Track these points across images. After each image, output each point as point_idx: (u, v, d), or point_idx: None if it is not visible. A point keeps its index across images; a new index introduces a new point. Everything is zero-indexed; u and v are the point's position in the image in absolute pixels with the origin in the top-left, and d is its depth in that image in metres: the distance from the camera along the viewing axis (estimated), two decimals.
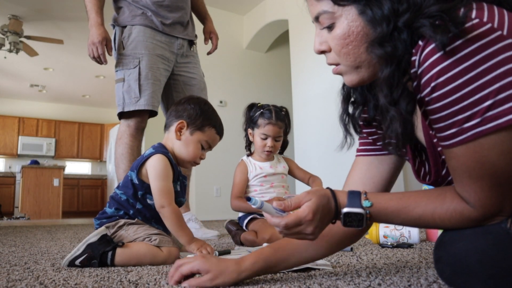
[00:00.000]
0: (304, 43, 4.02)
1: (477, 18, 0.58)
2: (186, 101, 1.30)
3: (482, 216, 0.65)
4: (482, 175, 0.61)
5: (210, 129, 1.29)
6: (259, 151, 1.78)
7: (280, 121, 1.74)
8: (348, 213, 0.70)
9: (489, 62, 0.56)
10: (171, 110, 1.33)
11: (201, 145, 1.28)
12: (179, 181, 1.28)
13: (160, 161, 1.20)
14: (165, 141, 1.30)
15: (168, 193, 1.18)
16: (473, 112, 0.57)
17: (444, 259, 0.69)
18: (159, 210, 1.18)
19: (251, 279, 0.81)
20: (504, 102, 0.56)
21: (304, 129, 3.89)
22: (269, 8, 4.74)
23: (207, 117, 1.29)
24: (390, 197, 0.72)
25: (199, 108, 1.28)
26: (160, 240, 1.14)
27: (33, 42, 5.47)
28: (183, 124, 1.26)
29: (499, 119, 0.56)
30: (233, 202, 1.74)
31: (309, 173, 1.87)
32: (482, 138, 0.58)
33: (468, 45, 0.56)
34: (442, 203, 0.68)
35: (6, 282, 0.86)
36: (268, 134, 1.73)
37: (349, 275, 0.86)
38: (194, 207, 4.50)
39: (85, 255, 1.05)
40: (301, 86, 4.02)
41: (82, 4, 2.07)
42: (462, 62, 0.57)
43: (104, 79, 7.46)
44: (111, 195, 1.25)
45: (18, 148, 8.34)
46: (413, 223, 0.72)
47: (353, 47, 0.69)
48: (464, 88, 0.57)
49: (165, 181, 1.19)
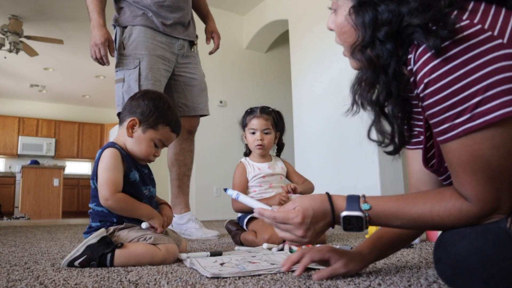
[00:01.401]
0: (304, 43, 4.02)
1: (468, 20, 0.61)
2: (141, 97, 1.25)
3: (480, 211, 0.65)
4: (476, 169, 0.63)
5: (164, 127, 1.24)
6: (252, 148, 1.82)
7: (265, 114, 1.79)
8: (347, 217, 0.73)
9: (478, 61, 0.59)
10: (125, 104, 1.28)
11: (154, 143, 1.24)
12: (138, 171, 1.23)
13: (107, 154, 1.17)
14: (117, 138, 1.27)
15: (111, 184, 1.13)
16: (463, 108, 0.61)
17: (444, 260, 0.69)
18: (104, 204, 1.14)
19: (253, 278, 0.83)
20: (492, 99, 0.59)
21: (304, 129, 3.89)
22: (269, 8, 4.74)
23: (161, 114, 1.23)
24: (389, 199, 0.73)
25: (153, 104, 1.23)
26: (155, 238, 1.13)
27: (33, 42, 5.48)
28: (135, 122, 1.22)
29: (488, 115, 0.59)
30: (235, 203, 1.75)
31: (303, 177, 1.90)
32: (473, 133, 0.61)
33: (457, 45, 0.60)
34: (441, 201, 0.69)
35: (6, 282, 0.86)
36: (255, 128, 1.78)
37: (349, 275, 0.86)
38: (194, 207, 4.50)
39: (84, 256, 1.05)
40: (301, 86, 4.02)
41: (82, 4, 2.07)
42: (452, 61, 0.60)
43: (104, 79, 7.46)
44: (89, 212, 1.22)
45: (18, 148, 8.35)
46: (412, 224, 0.72)
47: (348, 37, 0.75)
48: (454, 85, 0.61)
49: (109, 172, 1.15)
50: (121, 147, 1.22)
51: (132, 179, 1.20)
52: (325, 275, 0.80)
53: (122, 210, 1.16)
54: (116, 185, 1.14)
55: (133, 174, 1.20)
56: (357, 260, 0.83)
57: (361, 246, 0.86)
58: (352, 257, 0.82)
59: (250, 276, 0.88)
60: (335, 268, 0.80)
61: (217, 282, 0.82)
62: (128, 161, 1.21)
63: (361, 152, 3.21)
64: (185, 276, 0.90)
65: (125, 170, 1.19)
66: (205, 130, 4.70)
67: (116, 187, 1.14)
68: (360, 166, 3.21)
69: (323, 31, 3.76)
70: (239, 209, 1.76)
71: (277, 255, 1.20)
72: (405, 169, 3.23)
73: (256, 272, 0.91)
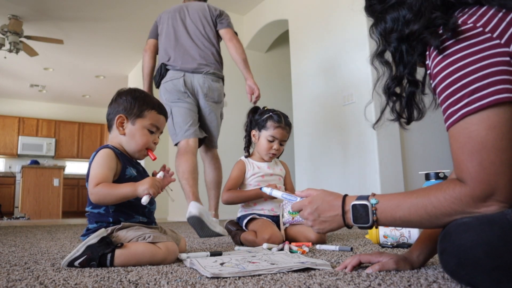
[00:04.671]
0: (304, 43, 4.02)
1: (472, 24, 0.70)
2: (117, 97, 1.28)
3: (472, 191, 0.68)
4: (472, 150, 0.68)
5: (150, 112, 1.27)
6: (263, 153, 1.81)
7: (288, 126, 1.81)
8: (355, 205, 0.82)
9: (476, 56, 0.68)
10: (108, 112, 1.30)
11: (147, 130, 1.26)
12: (134, 168, 1.25)
13: (99, 154, 1.19)
14: (110, 141, 1.28)
15: (94, 178, 1.14)
16: (461, 95, 0.69)
17: (449, 250, 0.70)
18: (91, 199, 1.14)
19: (253, 278, 0.83)
20: (487, 86, 0.66)
21: (304, 129, 3.89)
22: (269, 8, 4.74)
23: (142, 102, 1.26)
24: (396, 194, 0.80)
25: (131, 97, 1.26)
26: (154, 236, 1.13)
27: (33, 42, 5.47)
28: (122, 118, 1.25)
29: (483, 100, 0.66)
30: (225, 194, 1.77)
31: (293, 188, 1.95)
32: (470, 115, 0.68)
33: (459, 43, 0.70)
34: (439, 187, 0.74)
35: (6, 282, 0.86)
36: (276, 137, 1.78)
37: (349, 275, 0.86)
38: None
39: (84, 256, 1.05)
40: (301, 86, 4.02)
41: (82, 4, 2.07)
42: (453, 55, 0.70)
43: (104, 79, 7.46)
44: (86, 214, 1.22)
45: (18, 148, 8.35)
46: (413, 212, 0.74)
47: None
48: (454, 74, 0.70)
49: (96, 169, 1.16)
50: (115, 147, 1.23)
51: (128, 175, 1.21)
52: (376, 268, 0.89)
53: (104, 198, 1.13)
54: (100, 180, 1.14)
55: (129, 171, 1.22)
56: (408, 261, 0.91)
57: (411, 249, 0.95)
58: (402, 258, 0.91)
59: (250, 276, 0.88)
60: (385, 263, 0.89)
61: (217, 282, 0.82)
62: (123, 159, 1.22)
63: (361, 152, 3.21)
64: (185, 276, 0.90)
65: (120, 168, 1.20)
66: None
67: (99, 181, 1.14)
68: (360, 166, 3.21)
69: (323, 31, 3.76)
70: (228, 202, 1.78)
71: (277, 255, 1.20)
72: (405, 169, 3.23)
73: (256, 272, 0.91)
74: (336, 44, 3.54)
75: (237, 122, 1.93)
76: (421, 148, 3.41)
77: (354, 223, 0.82)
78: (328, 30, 3.67)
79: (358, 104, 3.26)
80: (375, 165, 3.08)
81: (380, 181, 3.03)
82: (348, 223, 0.84)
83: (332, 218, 0.85)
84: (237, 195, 1.77)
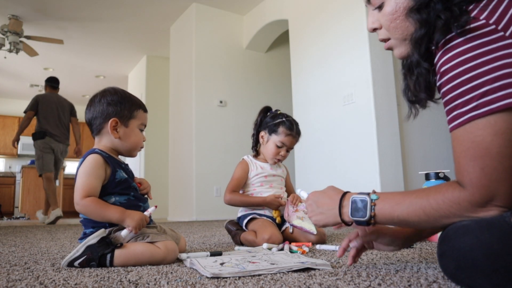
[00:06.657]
0: (304, 43, 4.02)
1: (484, 20, 0.67)
2: (100, 99, 1.27)
3: (472, 196, 0.67)
4: (475, 155, 0.66)
5: (138, 112, 1.28)
6: (269, 157, 1.81)
7: (298, 134, 1.83)
8: (354, 199, 0.82)
9: (488, 56, 0.65)
10: (92, 116, 1.28)
11: (138, 129, 1.28)
12: (123, 170, 1.24)
13: (87, 160, 1.18)
14: (97, 145, 1.28)
15: (81, 188, 1.13)
16: (470, 97, 0.66)
17: (448, 254, 0.70)
18: (76, 209, 1.14)
19: (253, 278, 0.83)
20: (498, 90, 0.64)
21: (303, 129, 3.88)
22: (269, 8, 4.74)
23: (130, 103, 1.27)
24: (395, 193, 0.80)
25: (117, 99, 1.26)
26: (152, 236, 1.13)
27: (33, 42, 5.48)
28: (115, 122, 1.24)
29: (492, 104, 0.64)
30: (227, 195, 1.75)
31: (293, 190, 1.92)
32: (476, 119, 0.65)
33: (471, 41, 0.67)
34: (438, 188, 0.73)
35: (6, 282, 0.86)
36: (285, 144, 1.79)
37: (349, 275, 0.86)
38: (194, 207, 4.50)
39: (84, 256, 1.05)
40: (301, 86, 4.02)
41: (82, 4, 2.07)
42: (464, 54, 0.67)
43: (104, 79, 7.46)
44: (80, 221, 1.22)
45: (18, 148, 8.34)
46: (411, 212, 0.74)
47: (400, 21, 0.81)
48: (464, 75, 0.66)
49: (83, 177, 1.15)
50: (102, 151, 1.22)
51: (118, 178, 1.20)
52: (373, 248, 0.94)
53: (90, 214, 1.13)
54: (88, 190, 1.13)
55: (119, 174, 1.21)
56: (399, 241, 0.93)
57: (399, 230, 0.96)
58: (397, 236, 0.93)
59: (250, 276, 0.88)
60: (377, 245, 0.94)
61: (217, 282, 0.82)
62: (112, 163, 1.21)
63: (361, 152, 3.21)
64: (185, 276, 0.90)
65: (110, 171, 1.19)
66: (205, 130, 4.71)
67: (87, 192, 1.13)
68: (360, 166, 3.21)
69: (323, 31, 3.76)
70: (231, 203, 1.77)
71: (277, 255, 1.20)
72: (405, 169, 3.23)
73: (256, 272, 0.91)
74: (336, 44, 3.54)
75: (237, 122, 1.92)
76: (421, 148, 3.41)
77: (352, 217, 0.81)
78: (328, 30, 3.67)
79: (358, 104, 3.26)
80: (375, 165, 3.08)
81: (380, 181, 3.03)
82: (343, 218, 0.83)
83: (329, 210, 0.86)
84: (241, 200, 1.75)
